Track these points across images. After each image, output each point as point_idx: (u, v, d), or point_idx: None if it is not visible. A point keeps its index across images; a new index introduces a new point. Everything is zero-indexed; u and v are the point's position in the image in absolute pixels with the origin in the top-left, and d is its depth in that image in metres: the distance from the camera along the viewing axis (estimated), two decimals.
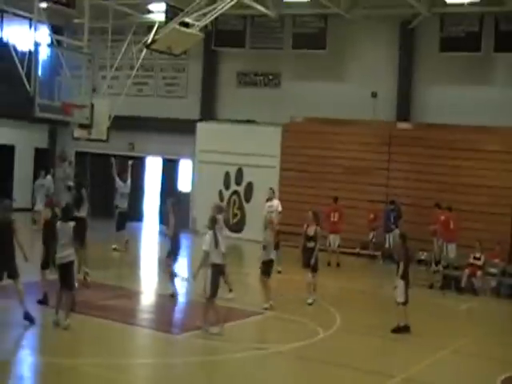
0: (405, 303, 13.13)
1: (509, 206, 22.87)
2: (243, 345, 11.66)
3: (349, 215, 22.96)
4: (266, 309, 14.31)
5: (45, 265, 13.03)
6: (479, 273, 18.66)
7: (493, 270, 19.06)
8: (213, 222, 12.66)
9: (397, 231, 20.61)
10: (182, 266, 17.47)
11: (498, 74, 24.65)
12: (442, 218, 20.16)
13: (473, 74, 24.71)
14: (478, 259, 18.78)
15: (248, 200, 27.64)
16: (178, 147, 29.10)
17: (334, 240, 22.15)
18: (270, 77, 28.42)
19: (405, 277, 13.17)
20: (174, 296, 15.18)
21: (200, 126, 28.60)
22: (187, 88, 30.04)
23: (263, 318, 14.08)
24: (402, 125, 25.37)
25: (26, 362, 10.28)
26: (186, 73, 30.18)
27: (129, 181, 21.73)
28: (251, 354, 11.13)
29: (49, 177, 26.32)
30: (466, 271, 18.62)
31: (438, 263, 19.10)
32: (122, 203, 21.59)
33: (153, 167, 31.12)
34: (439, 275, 19.00)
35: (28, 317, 11.73)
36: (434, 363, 11.47)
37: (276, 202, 20.54)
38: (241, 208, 27.85)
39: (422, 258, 21.24)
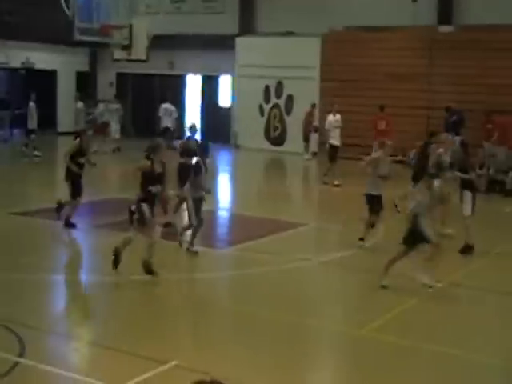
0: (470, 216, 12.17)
1: None
2: (288, 256, 11.91)
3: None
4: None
5: None
6: None
7: None
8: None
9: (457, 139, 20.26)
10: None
11: None
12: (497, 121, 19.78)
13: None
14: None
15: (288, 113, 27.62)
16: (218, 63, 28.97)
17: None
18: None
19: (470, 187, 12.25)
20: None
21: (239, 40, 28.35)
22: (225, 3, 29.64)
23: (307, 229, 14.32)
24: (444, 28, 24.79)
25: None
26: None
27: None
28: (296, 265, 11.38)
29: (80, 103, 26.51)
30: (510, 174, 18.48)
31: (482, 167, 18.94)
32: None
33: (193, 85, 31.12)
34: (484, 179, 18.88)
35: None
36: (478, 268, 11.62)
37: (339, 116, 20.54)
38: (281, 121, 27.85)
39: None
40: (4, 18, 26.24)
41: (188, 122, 30.47)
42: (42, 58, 29.78)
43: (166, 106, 26.36)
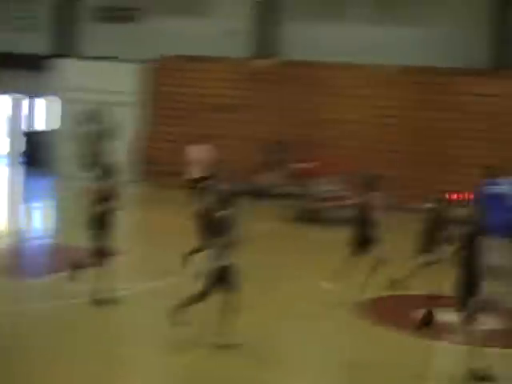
0: None
1: (365, 140, 23.76)
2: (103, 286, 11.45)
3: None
4: None
5: None
6: (336, 204, 18.93)
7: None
8: None
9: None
10: None
11: (359, 11, 25.02)
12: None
13: (334, 11, 24.99)
14: (338, 191, 19.32)
15: (110, 139, 27.00)
16: (30, 84, 27.75)
17: None
18: (131, 12, 27.57)
19: None
20: None
21: (57, 62, 27.31)
22: (40, 22, 28.41)
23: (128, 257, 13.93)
24: (264, 61, 25.41)
25: None
26: (40, 5, 28.65)
27: None
28: (111, 295, 10.96)
29: None
30: (326, 203, 19.13)
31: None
32: None
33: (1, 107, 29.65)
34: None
35: None
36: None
37: None
38: (102, 147, 27.15)
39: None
40: None
41: None
42: None
43: None
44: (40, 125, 28.93)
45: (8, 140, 28.94)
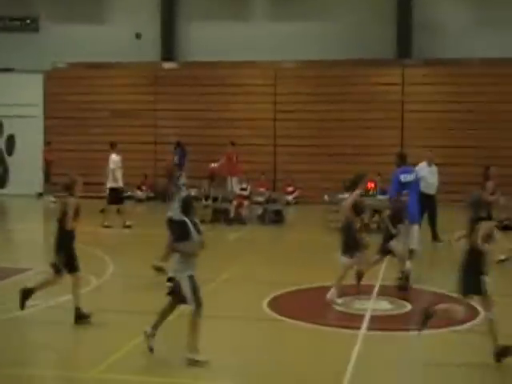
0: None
1: (271, 137, 23.69)
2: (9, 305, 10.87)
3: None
4: None
5: None
6: (246, 203, 19.19)
7: (259, 199, 19.70)
8: None
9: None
10: None
11: (257, 9, 25.00)
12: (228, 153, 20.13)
13: (234, 10, 24.87)
14: (245, 190, 19.37)
15: (10, 153, 26.10)
16: None
17: None
18: (28, 21, 26.70)
19: None
20: None
21: None
22: None
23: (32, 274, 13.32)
24: (167, 64, 25.12)
25: None
26: None
27: None
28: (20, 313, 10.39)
29: None
30: (234, 202, 18.99)
31: (207, 198, 19.25)
32: None
33: None
34: (209, 209, 19.23)
35: None
36: (207, 294, 11.44)
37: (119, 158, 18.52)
38: (3, 162, 26.22)
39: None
40: None
41: None
42: None
43: None
44: None
45: None
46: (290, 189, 23.31)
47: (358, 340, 9.05)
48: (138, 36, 25.35)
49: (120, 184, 18.42)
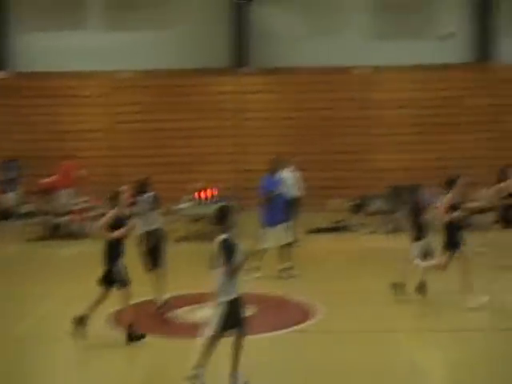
0: None
1: (110, 148, 23.44)
2: None
3: None
4: None
5: None
6: (82, 216, 18.70)
7: (98, 212, 19.21)
8: None
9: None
10: None
11: (93, 18, 24.51)
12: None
13: (69, 19, 24.27)
14: (82, 203, 18.97)
15: None
16: None
17: None
18: None
19: None
20: None
21: None
22: None
23: None
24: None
25: None
26: None
27: None
28: None
29: None
30: (70, 217, 18.54)
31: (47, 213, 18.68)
32: None
33: None
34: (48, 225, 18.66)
35: None
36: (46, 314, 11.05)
37: None
38: None
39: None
40: None
41: None
42: None
43: None
44: None
45: None
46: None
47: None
48: None
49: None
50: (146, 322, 10.25)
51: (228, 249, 7.51)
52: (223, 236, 7.57)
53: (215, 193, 18.50)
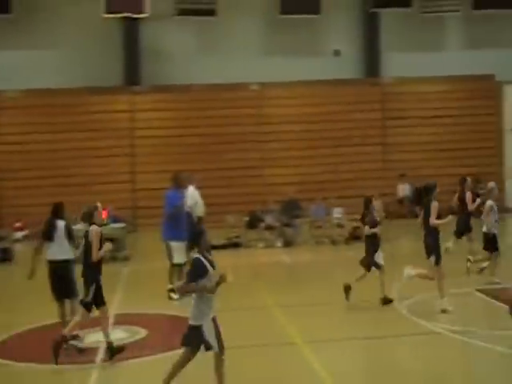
0: None
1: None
2: None
3: None
4: None
5: None
6: None
7: None
8: None
9: None
10: None
11: None
12: None
13: None
14: None
15: None
16: None
17: None
18: None
19: None
20: None
21: None
22: None
23: None
24: None
25: None
26: None
27: None
28: None
29: None
30: None
31: None
32: None
33: None
34: None
35: None
36: None
37: None
38: None
39: None
40: None
41: None
42: None
43: None
44: None
45: None
46: (18, 224, 22.07)
47: (93, 374, 8.83)
48: None
49: None
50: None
51: (197, 269, 7.45)
52: (196, 255, 7.54)
53: (107, 214, 18.10)
